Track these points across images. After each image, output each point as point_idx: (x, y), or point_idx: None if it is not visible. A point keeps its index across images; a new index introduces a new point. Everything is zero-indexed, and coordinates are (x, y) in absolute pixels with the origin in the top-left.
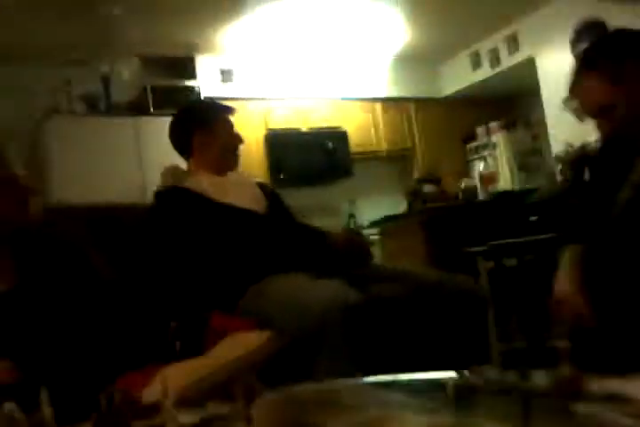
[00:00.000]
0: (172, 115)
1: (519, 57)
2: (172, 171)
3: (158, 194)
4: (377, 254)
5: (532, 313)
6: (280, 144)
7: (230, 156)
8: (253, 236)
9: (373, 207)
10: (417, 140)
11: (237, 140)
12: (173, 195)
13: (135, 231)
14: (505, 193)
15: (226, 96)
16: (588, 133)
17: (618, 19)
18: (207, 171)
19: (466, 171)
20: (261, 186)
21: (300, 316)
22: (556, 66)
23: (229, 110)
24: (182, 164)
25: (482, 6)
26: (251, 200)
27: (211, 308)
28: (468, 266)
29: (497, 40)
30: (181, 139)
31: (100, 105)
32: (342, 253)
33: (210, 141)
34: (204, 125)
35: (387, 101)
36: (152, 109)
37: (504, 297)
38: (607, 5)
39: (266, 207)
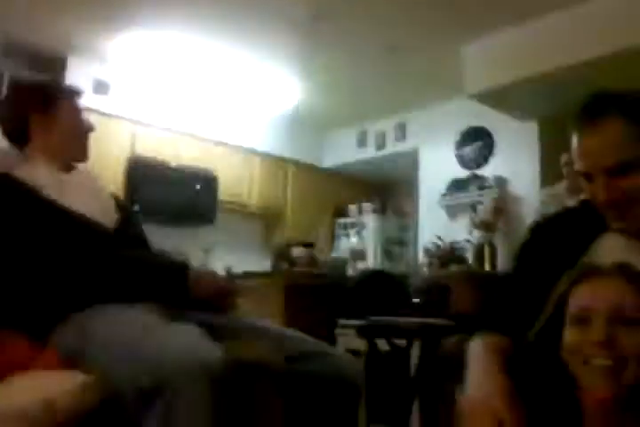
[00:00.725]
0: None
1: (404, 145)
2: (1, 155)
3: None
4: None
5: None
6: (142, 173)
7: (77, 144)
8: (90, 252)
9: (230, 260)
10: (289, 203)
11: (86, 125)
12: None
13: None
14: (379, 272)
15: (94, 108)
16: (457, 231)
17: (497, 126)
18: (48, 161)
19: (333, 244)
20: (116, 198)
21: (136, 365)
22: (437, 161)
23: (75, 92)
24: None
25: (378, 92)
26: (97, 209)
27: (12, 328)
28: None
29: (387, 124)
30: (13, 123)
31: None
32: (204, 294)
33: (51, 127)
34: (43, 108)
35: (267, 157)
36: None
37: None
38: (490, 112)
39: (115, 222)
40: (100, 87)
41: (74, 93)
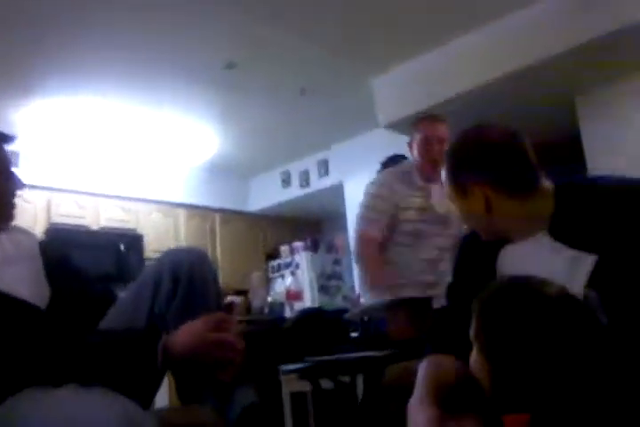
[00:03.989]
0: None
1: (328, 181)
2: None
3: None
4: None
5: None
6: (63, 240)
7: (4, 209)
8: (17, 336)
9: None
10: (219, 251)
11: (14, 183)
12: None
13: None
14: (314, 310)
15: None
16: None
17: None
18: None
19: (268, 287)
20: (45, 250)
21: None
22: (362, 193)
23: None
24: None
25: (296, 133)
26: (29, 284)
27: None
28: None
29: (308, 162)
30: None
31: None
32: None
33: None
34: None
35: (191, 209)
36: None
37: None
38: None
39: (48, 296)
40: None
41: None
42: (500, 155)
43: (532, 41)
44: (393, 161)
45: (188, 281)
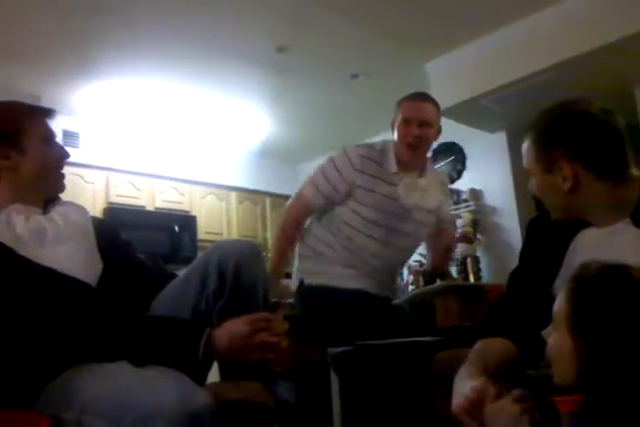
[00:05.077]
0: None
1: None
2: None
3: None
4: None
5: None
6: (120, 221)
7: (51, 178)
8: (69, 314)
9: None
10: (269, 235)
11: (60, 154)
12: None
13: None
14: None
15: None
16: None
17: (467, 139)
18: (19, 202)
19: None
20: (101, 228)
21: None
22: None
23: (43, 113)
24: None
25: (348, 118)
26: (80, 261)
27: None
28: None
29: None
30: None
31: None
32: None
33: (16, 165)
34: (6, 142)
35: (242, 192)
36: None
37: None
38: (459, 126)
39: (99, 274)
40: (70, 138)
41: (42, 115)
42: (600, 133)
43: (591, 27)
44: (446, 148)
45: (234, 281)
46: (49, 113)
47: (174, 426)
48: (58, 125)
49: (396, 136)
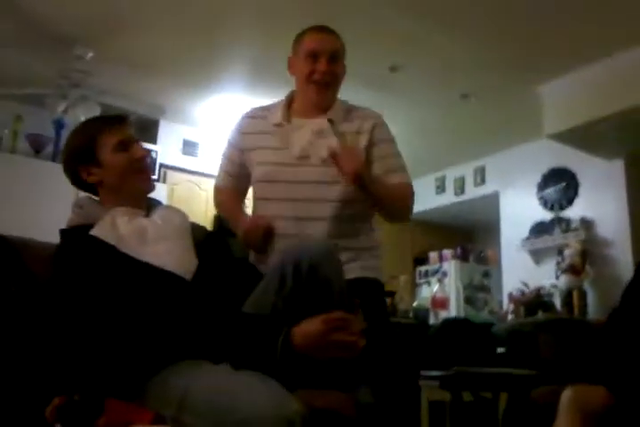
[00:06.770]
0: None
1: (484, 190)
2: (86, 203)
3: (63, 233)
4: None
5: None
6: (228, 228)
7: (132, 181)
8: (173, 308)
9: None
10: None
11: (134, 156)
12: (78, 239)
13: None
14: (461, 320)
15: (184, 168)
16: (542, 276)
17: (580, 166)
18: (119, 204)
19: (414, 292)
20: (195, 230)
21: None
22: (519, 205)
23: (114, 121)
24: None
25: (455, 138)
26: (177, 257)
27: (112, 385)
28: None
29: (465, 169)
30: (74, 180)
31: (47, 148)
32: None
33: (101, 179)
34: (86, 160)
35: None
36: None
37: None
38: (572, 152)
39: (194, 270)
40: (190, 148)
41: (112, 125)
42: None
43: None
44: (557, 174)
45: (309, 280)
46: (118, 120)
47: None
48: (179, 135)
49: (297, 73)
